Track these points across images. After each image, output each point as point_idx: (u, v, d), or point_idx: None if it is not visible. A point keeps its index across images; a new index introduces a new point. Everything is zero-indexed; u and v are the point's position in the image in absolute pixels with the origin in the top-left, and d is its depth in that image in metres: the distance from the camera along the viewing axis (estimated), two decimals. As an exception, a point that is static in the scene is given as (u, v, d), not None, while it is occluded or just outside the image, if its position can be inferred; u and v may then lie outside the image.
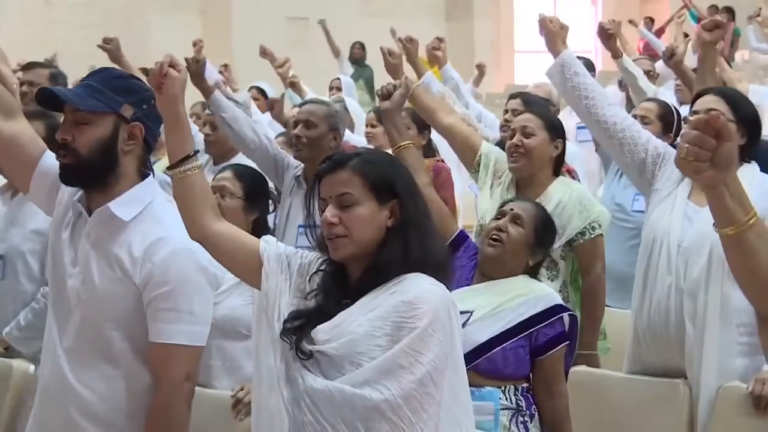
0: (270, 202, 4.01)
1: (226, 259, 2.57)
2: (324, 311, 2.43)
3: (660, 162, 3.79)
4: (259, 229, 3.92)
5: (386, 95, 3.80)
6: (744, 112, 3.69)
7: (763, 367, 3.46)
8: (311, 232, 2.52)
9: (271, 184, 4.42)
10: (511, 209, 3.56)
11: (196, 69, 5.08)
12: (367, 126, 6.58)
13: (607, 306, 4.37)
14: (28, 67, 5.60)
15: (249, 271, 2.53)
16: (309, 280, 2.50)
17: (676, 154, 1.93)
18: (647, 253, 3.70)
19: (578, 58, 7.09)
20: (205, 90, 5.10)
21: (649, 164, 3.81)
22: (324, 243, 2.46)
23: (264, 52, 8.37)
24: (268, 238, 2.58)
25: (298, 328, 2.41)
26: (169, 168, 2.57)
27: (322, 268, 2.50)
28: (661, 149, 3.84)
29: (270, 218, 4.14)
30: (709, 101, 3.68)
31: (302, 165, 4.87)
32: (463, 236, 3.68)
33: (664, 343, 3.63)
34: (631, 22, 14.66)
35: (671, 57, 5.50)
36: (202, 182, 2.59)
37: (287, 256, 2.54)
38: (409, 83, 3.96)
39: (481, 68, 10.02)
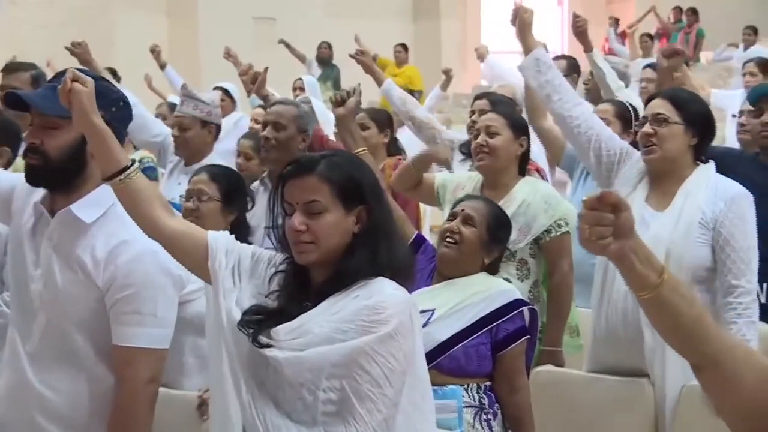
0: (248, 200, 4.01)
1: (182, 255, 2.56)
2: (286, 312, 2.42)
3: (619, 160, 3.85)
4: (239, 229, 3.92)
5: (340, 102, 3.79)
6: (693, 112, 3.72)
7: None
8: (275, 233, 2.51)
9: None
10: (462, 210, 3.58)
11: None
12: (335, 126, 6.56)
13: (578, 307, 4.40)
14: (8, 70, 5.54)
15: (202, 267, 2.52)
16: (269, 280, 2.50)
17: (579, 236, 1.93)
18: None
19: (563, 57, 7.18)
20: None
21: (611, 162, 3.86)
22: (286, 245, 2.46)
23: (228, 54, 8.34)
24: (217, 234, 2.56)
25: (258, 322, 2.41)
26: (106, 179, 2.53)
27: (281, 268, 2.50)
28: (619, 149, 3.89)
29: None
30: (657, 105, 3.73)
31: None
32: (420, 239, 3.69)
33: (621, 343, 3.66)
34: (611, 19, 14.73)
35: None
36: (146, 184, 2.55)
37: (239, 254, 2.52)
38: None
39: (448, 73, 10.04)
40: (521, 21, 4.08)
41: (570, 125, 3.94)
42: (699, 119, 3.73)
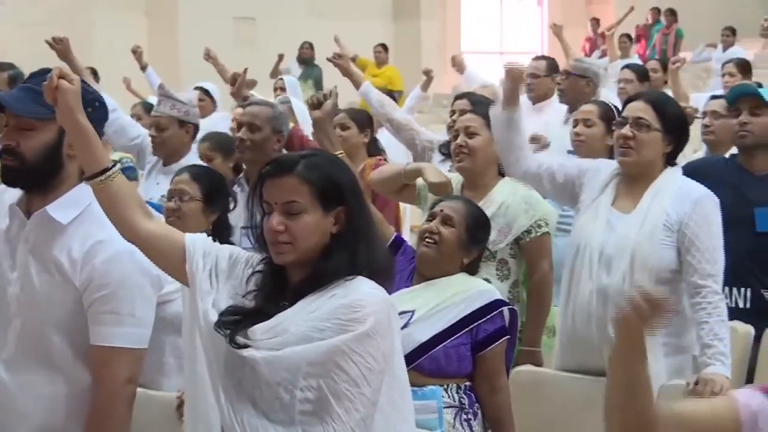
0: (230, 200, 4.01)
1: (159, 257, 2.55)
2: (263, 312, 2.42)
3: (579, 183, 3.88)
4: (221, 228, 3.93)
5: (316, 104, 3.77)
6: (672, 121, 3.75)
7: (684, 366, 3.54)
8: (253, 232, 2.51)
9: None
10: (441, 210, 3.59)
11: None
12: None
13: (557, 308, 4.40)
14: None
15: (179, 269, 2.51)
16: (247, 280, 2.49)
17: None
18: (571, 257, 3.78)
19: (543, 58, 7.20)
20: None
21: (572, 188, 3.91)
22: (264, 244, 2.46)
23: (209, 56, 8.31)
24: (195, 236, 2.55)
25: (234, 322, 2.41)
26: (86, 179, 2.53)
27: (259, 269, 2.49)
28: (576, 171, 3.91)
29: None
30: (639, 108, 3.74)
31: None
32: (399, 241, 3.70)
33: (587, 344, 3.68)
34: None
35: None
36: (125, 185, 2.54)
37: (217, 255, 2.52)
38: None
39: (428, 74, 10.04)
40: (514, 82, 3.96)
41: (528, 178, 4.00)
42: (677, 128, 3.77)
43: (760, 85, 5.23)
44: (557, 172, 3.92)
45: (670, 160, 3.77)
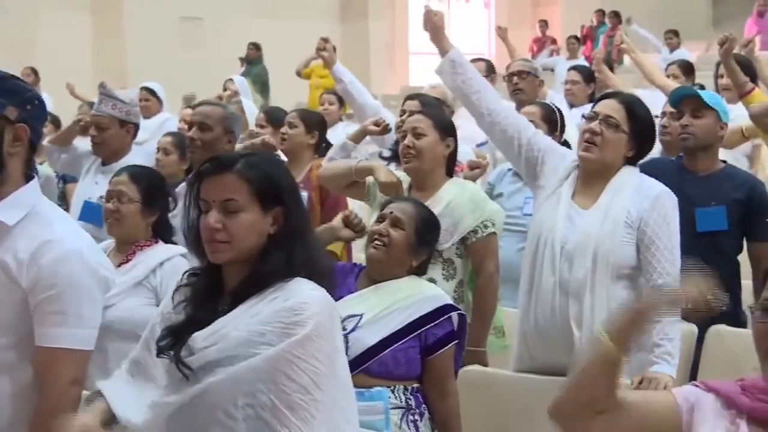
0: (170, 200, 3.98)
1: None
2: (197, 321, 2.41)
3: (544, 157, 3.86)
4: (160, 229, 3.91)
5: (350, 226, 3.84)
6: (642, 127, 3.76)
7: (645, 363, 3.56)
8: (188, 233, 2.50)
9: None
10: (391, 212, 3.60)
11: None
12: (256, 126, 6.57)
13: (506, 308, 4.43)
14: None
15: None
16: (173, 295, 2.50)
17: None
18: (532, 251, 3.76)
19: (480, 60, 7.23)
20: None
21: (535, 158, 3.87)
22: (197, 245, 2.45)
23: (71, 91, 8.10)
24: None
25: (173, 344, 2.40)
26: None
27: (185, 282, 2.49)
28: (545, 144, 3.91)
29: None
30: (612, 107, 3.74)
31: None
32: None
33: (551, 342, 3.69)
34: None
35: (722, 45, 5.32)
36: None
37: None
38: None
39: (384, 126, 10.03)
40: (433, 25, 4.08)
41: (490, 122, 3.92)
42: (644, 134, 3.77)
43: (702, 87, 5.31)
44: (524, 132, 3.89)
45: (628, 163, 3.77)
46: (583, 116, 3.92)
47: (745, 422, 2.10)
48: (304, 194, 5.02)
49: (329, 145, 5.57)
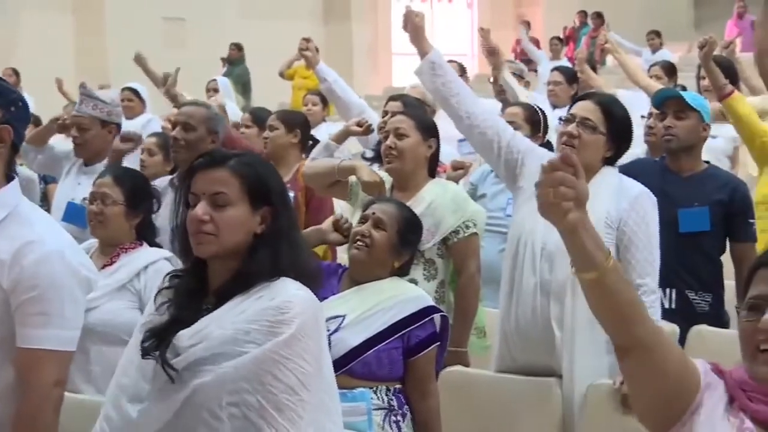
0: (154, 201, 3.97)
1: None
2: (181, 320, 2.40)
3: (524, 159, 3.86)
4: (144, 231, 3.89)
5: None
6: (619, 127, 3.76)
7: None
8: (175, 231, 2.50)
9: None
10: (373, 213, 3.60)
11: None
12: (241, 127, 6.56)
13: (487, 308, 4.43)
14: None
15: None
16: (155, 297, 2.49)
17: (539, 203, 1.93)
18: (513, 252, 3.77)
19: (451, 61, 7.24)
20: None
21: (514, 160, 3.88)
22: (184, 241, 2.44)
23: (139, 60, 8.22)
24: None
25: (157, 345, 2.39)
26: None
27: (167, 285, 2.49)
28: (524, 146, 3.91)
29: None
30: (588, 109, 3.75)
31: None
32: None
33: (532, 342, 3.70)
34: (525, 23, 14.89)
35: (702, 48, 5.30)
36: None
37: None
38: None
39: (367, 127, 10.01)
40: (413, 25, 4.07)
41: (469, 125, 3.92)
42: (621, 134, 3.78)
43: (684, 88, 5.33)
44: (503, 135, 3.88)
45: (607, 163, 3.78)
46: (559, 119, 3.93)
47: (749, 418, 2.10)
48: (291, 194, 5.02)
49: (316, 142, 5.58)
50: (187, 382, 2.34)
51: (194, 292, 2.45)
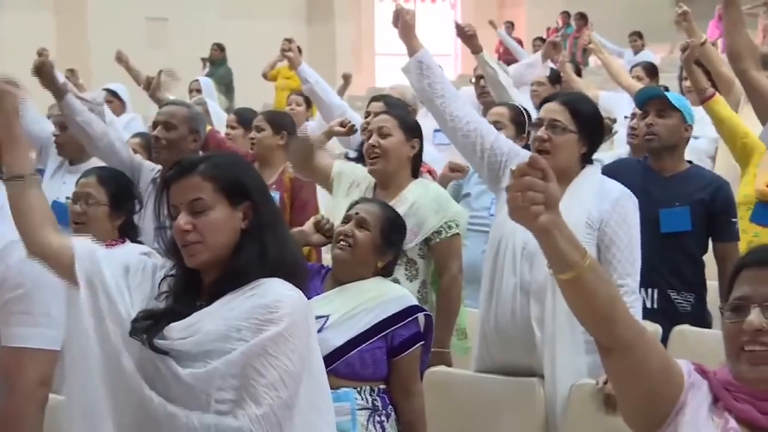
0: (136, 202, 3.97)
1: (66, 274, 2.50)
2: (176, 312, 2.41)
3: (507, 161, 3.86)
4: (127, 231, 3.89)
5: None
6: (587, 122, 3.76)
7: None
8: (162, 234, 2.50)
9: None
10: (357, 213, 3.60)
11: (46, 70, 4.91)
12: (227, 127, 6.56)
13: (470, 309, 4.44)
14: None
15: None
16: (159, 284, 2.48)
17: (509, 206, 1.92)
18: (493, 252, 3.77)
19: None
20: (58, 92, 4.94)
21: (497, 162, 3.88)
22: (174, 249, 2.45)
23: (120, 58, 8.19)
24: (82, 254, 2.51)
25: (149, 327, 2.39)
26: (5, 179, 2.54)
27: (171, 273, 2.48)
28: (508, 148, 3.91)
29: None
30: (554, 110, 3.76)
31: (158, 167, 4.82)
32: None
33: (511, 342, 3.70)
34: (491, 23, 14.93)
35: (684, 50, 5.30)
36: (40, 199, 2.55)
37: (111, 272, 2.48)
38: None
39: (347, 79, 10.00)
40: (403, 23, 4.08)
41: (452, 127, 3.92)
42: (592, 128, 3.78)
43: (666, 89, 5.34)
44: (486, 137, 3.89)
45: (586, 159, 3.79)
46: (528, 127, 3.93)
47: (733, 418, 2.11)
48: (276, 195, 5.02)
49: None
50: (176, 374, 2.34)
51: (190, 289, 2.46)
